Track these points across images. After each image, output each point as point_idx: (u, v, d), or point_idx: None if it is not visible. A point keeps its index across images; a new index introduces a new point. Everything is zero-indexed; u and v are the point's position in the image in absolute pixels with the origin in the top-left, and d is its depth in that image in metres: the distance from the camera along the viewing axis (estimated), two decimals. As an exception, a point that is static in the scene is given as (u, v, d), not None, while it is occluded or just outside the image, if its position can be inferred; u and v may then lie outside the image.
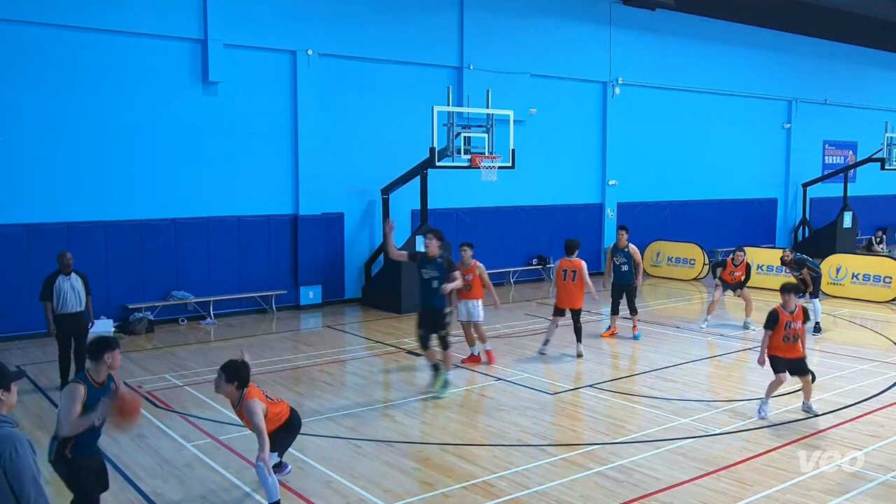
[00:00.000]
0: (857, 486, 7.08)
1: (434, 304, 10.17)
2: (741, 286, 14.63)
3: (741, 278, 14.64)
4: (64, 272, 10.52)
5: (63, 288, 10.45)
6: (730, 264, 14.63)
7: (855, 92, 28.38)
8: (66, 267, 10.53)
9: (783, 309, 9.08)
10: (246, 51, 15.76)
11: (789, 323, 9.02)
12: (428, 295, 10.19)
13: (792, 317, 9.07)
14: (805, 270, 14.15)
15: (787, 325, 9.02)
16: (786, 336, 9.05)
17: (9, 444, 3.82)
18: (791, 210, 27.52)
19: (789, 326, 9.02)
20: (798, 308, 9.12)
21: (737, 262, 14.53)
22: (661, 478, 7.33)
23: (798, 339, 9.12)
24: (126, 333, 14.14)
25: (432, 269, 10.11)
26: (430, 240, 10.24)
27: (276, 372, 11.36)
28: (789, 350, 9.10)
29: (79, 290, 10.55)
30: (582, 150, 21.65)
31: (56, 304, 10.42)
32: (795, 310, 9.09)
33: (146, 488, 7.20)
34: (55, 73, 13.91)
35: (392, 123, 17.58)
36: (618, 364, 12.03)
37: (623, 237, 13.59)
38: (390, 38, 17.55)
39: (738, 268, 14.54)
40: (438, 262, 10.13)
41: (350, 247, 17.55)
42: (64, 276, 10.50)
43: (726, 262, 14.77)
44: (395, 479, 7.40)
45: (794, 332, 9.05)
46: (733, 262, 14.57)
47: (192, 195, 15.41)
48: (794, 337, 9.08)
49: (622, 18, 21.76)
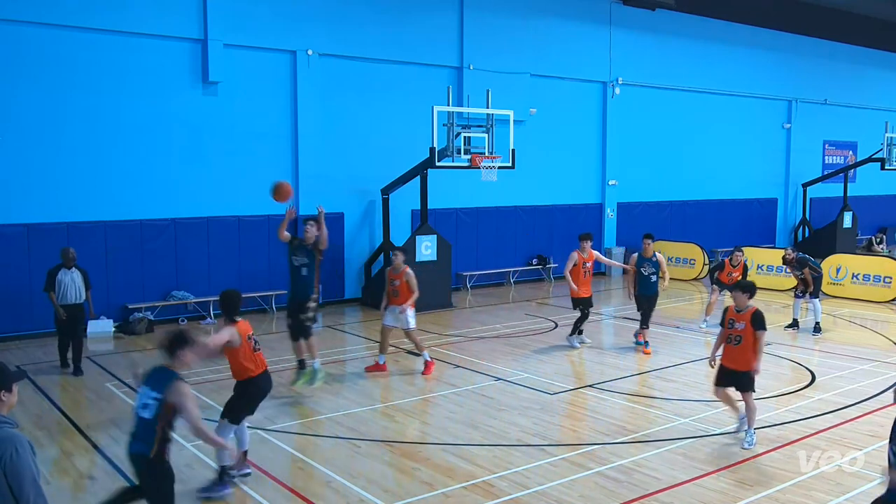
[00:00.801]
0: (857, 486, 7.09)
1: (302, 291, 10.20)
2: None
3: (738, 279, 14.56)
4: (66, 266, 11.35)
5: (64, 281, 11.28)
6: (727, 265, 14.58)
7: (855, 92, 28.38)
8: (68, 261, 11.37)
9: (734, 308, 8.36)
10: (246, 51, 15.76)
11: (732, 321, 8.23)
12: (297, 282, 10.22)
13: (737, 315, 8.25)
14: (807, 270, 14.15)
15: (731, 324, 8.24)
16: (729, 337, 8.27)
17: (9, 444, 3.83)
18: (791, 210, 27.52)
19: (732, 325, 8.24)
20: (748, 310, 8.19)
21: (734, 263, 14.48)
22: (661, 478, 7.33)
23: (741, 342, 8.13)
24: (126, 333, 14.14)
25: (302, 256, 10.16)
26: (310, 226, 10.20)
27: (277, 372, 11.32)
28: (732, 356, 8.22)
29: (78, 284, 11.37)
30: (582, 151, 21.65)
31: (57, 295, 11.25)
32: (744, 310, 8.24)
33: (146, 488, 7.18)
34: (55, 73, 13.91)
35: (392, 123, 17.58)
36: (618, 364, 12.02)
37: (650, 246, 13.06)
38: (390, 38, 17.55)
39: (736, 268, 14.48)
40: (308, 249, 10.16)
41: (350, 247, 17.54)
42: (66, 270, 11.34)
43: (724, 264, 14.71)
44: (395, 479, 7.40)
45: (737, 332, 8.16)
46: (731, 263, 14.52)
47: (192, 195, 15.41)
48: (736, 339, 8.17)
49: (622, 18, 21.76)
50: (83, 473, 7.62)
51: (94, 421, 9.25)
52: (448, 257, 16.86)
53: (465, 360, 12.09)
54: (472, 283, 19.35)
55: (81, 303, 11.42)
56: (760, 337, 8.09)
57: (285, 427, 8.92)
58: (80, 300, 11.38)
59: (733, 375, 8.25)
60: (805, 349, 12.92)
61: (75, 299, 11.33)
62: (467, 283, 19.28)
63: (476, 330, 14.57)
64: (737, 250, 14.66)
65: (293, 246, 10.30)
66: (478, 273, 19.49)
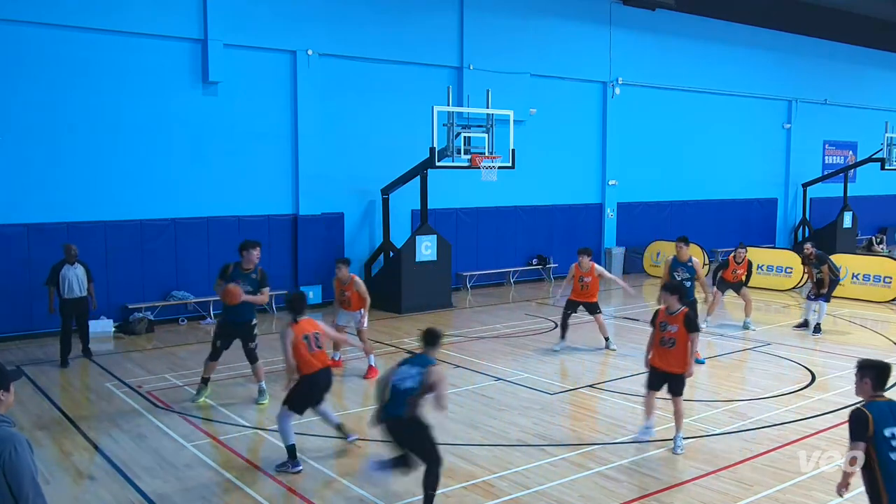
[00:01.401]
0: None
1: (245, 316, 9.79)
2: (743, 285, 14.43)
3: (742, 276, 14.46)
4: (69, 262, 11.95)
5: (68, 276, 11.90)
6: (731, 262, 14.39)
7: (855, 92, 28.38)
8: (71, 257, 11.95)
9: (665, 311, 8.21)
10: (246, 51, 15.76)
11: (665, 324, 8.10)
12: (239, 307, 9.57)
13: (669, 318, 8.09)
14: (826, 268, 13.87)
15: (663, 327, 8.12)
16: (662, 339, 8.15)
17: (8, 443, 3.84)
18: (791, 210, 27.52)
19: (665, 328, 8.11)
20: (680, 312, 8.04)
21: (738, 260, 14.30)
22: (661, 478, 7.34)
23: (675, 345, 7.99)
24: (126, 333, 14.14)
25: (245, 283, 9.57)
26: (248, 252, 9.64)
27: (277, 372, 11.35)
28: (666, 359, 8.11)
29: (81, 279, 12.01)
30: (582, 151, 21.65)
31: (61, 289, 11.88)
32: (676, 312, 8.09)
33: (146, 488, 7.19)
34: (55, 73, 13.91)
35: (392, 123, 17.58)
36: (618, 364, 12.02)
37: (684, 250, 12.38)
38: (390, 38, 17.55)
39: (740, 265, 14.32)
40: (252, 278, 9.68)
41: (350, 247, 17.54)
42: (69, 266, 11.94)
43: (728, 262, 14.52)
44: (395, 479, 7.39)
45: (671, 335, 8.02)
46: (735, 260, 14.34)
47: (192, 195, 15.41)
48: (670, 342, 8.02)
49: (622, 18, 21.76)
50: (83, 473, 7.61)
51: (94, 421, 9.25)
52: (448, 257, 16.86)
53: (465, 360, 12.09)
54: (472, 283, 19.35)
55: (85, 296, 12.10)
56: (694, 339, 8.04)
57: (285, 427, 8.90)
58: (83, 293, 12.05)
59: (666, 378, 8.17)
60: (805, 349, 12.91)
61: (79, 293, 11.99)
62: (467, 283, 19.28)
63: (476, 330, 14.57)
64: (740, 247, 14.39)
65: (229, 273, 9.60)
66: (478, 273, 19.49)
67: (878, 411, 5.03)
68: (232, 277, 9.57)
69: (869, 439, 4.94)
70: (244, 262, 9.73)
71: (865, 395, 5.23)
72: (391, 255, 16.90)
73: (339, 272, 11.34)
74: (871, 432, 4.94)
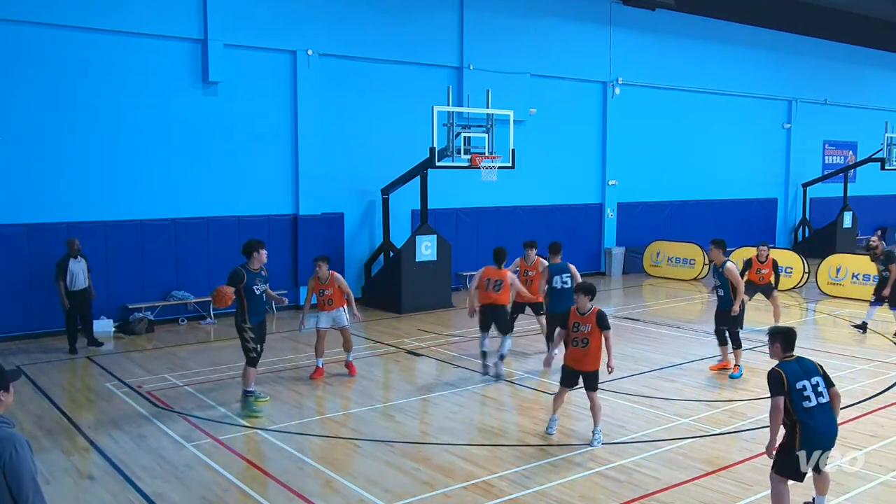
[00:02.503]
0: (857, 486, 7.09)
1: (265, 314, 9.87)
2: (772, 289, 13.57)
3: (770, 278, 13.63)
4: (73, 255, 12.60)
5: (74, 269, 12.58)
6: (755, 262, 13.62)
7: (855, 92, 28.38)
8: (75, 251, 12.62)
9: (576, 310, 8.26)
10: (246, 51, 15.76)
11: (577, 325, 8.16)
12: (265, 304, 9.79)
13: (581, 318, 8.17)
14: (894, 266, 13.33)
15: (576, 327, 8.18)
16: (575, 340, 8.21)
17: (8, 444, 3.84)
18: (791, 210, 27.52)
19: (577, 328, 8.17)
20: (592, 311, 8.12)
21: (762, 259, 13.52)
22: (661, 478, 7.34)
23: (588, 344, 8.12)
24: (126, 333, 14.14)
25: (262, 283, 9.63)
26: (258, 252, 9.56)
27: (277, 372, 11.37)
28: (580, 359, 8.22)
29: (84, 271, 12.71)
30: (582, 151, 21.65)
31: (68, 282, 12.52)
32: (587, 312, 8.16)
33: (146, 488, 7.19)
34: (55, 73, 13.91)
35: (392, 123, 17.58)
36: (618, 364, 11.99)
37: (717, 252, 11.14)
38: (390, 38, 17.55)
39: (765, 265, 13.54)
40: (264, 275, 9.72)
41: (350, 247, 17.55)
42: (74, 259, 12.59)
43: (751, 261, 13.73)
44: (395, 479, 7.40)
45: (584, 335, 8.12)
46: (758, 259, 13.60)
47: (192, 195, 15.41)
48: (583, 342, 8.14)
49: (622, 18, 21.76)
50: (83, 473, 7.62)
51: (94, 421, 9.25)
52: (448, 257, 16.87)
53: (465, 360, 12.09)
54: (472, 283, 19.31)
55: (86, 287, 12.79)
56: (608, 336, 8.17)
57: (285, 427, 8.92)
58: (86, 285, 12.76)
59: (581, 375, 8.33)
60: (805, 349, 12.88)
61: (83, 284, 12.71)
62: (467, 283, 19.24)
63: (476, 330, 14.51)
64: (762, 245, 13.58)
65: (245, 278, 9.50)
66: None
67: (790, 369, 6.00)
68: (249, 281, 9.46)
69: (786, 393, 5.88)
70: (253, 263, 9.58)
71: (778, 357, 6.17)
72: (391, 255, 16.91)
73: (319, 270, 10.78)
74: (786, 387, 5.89)
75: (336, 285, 10.95)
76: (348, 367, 11.28)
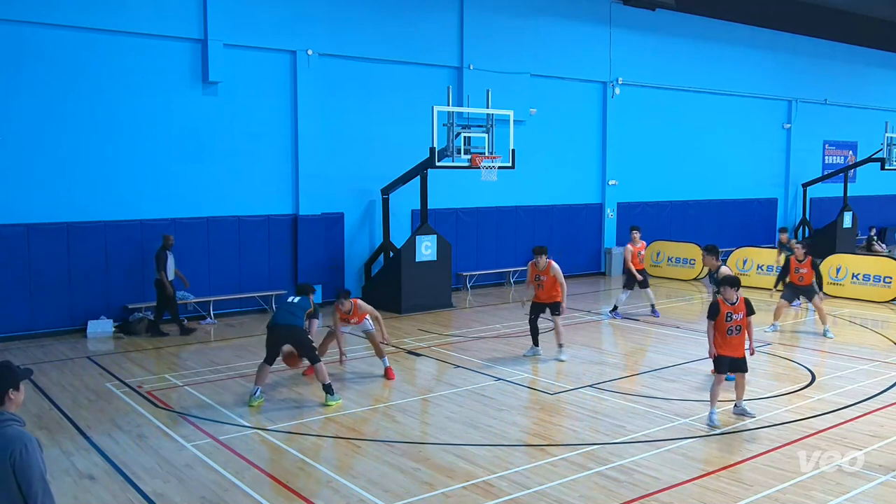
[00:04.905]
0: (857, 486, 7.09)
1: None
2: (814, 292, 13.14)
3: (811, 279, 13.11)
4: (168, 248, 13.93)
5: (170, 261, 13.94)
6: (793, 261, 13.11)
7: (855, 92, 28.39)
8: (170, 246, 13.97)
9: (724, 300, 8.84)
10: (246, 51, 15.76)
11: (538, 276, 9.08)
12: None
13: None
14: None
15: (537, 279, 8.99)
16: (729, 329, 8.80)
17: (19, 442, 3.89)
18: (791, 210, 27.52)
19: (730, 318, 8.79)
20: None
21: (799, 258, 13.00)
22: (661, 478, 7.33)
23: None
24: (126, 333, 14.14)
25: None
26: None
27: (276, 372, 11.35)
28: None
29: (173, 264, 14.08)
30: (582, 150, 21.65)
31: (168, 272, 13.86)
32: (737, 301, 8.81)
33: (146, 488, 7.19)
34: (55, 73, 13.91)
35: (392, 123, 17.58)
36: (618, 364, 12.03)
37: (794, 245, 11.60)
38: (390, 38, 17.55)
39: (803, 264, 13.02)
40: None
41: (350, 247, 17.55)
42: (169, 252, 13.91)
43: (789, 262, 13.20)
44: (395, 479, 7.40)
45: (737, 323, 8.81)
46: (796, 258, 13.11)
47: (192, 195, 15.41)
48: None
49: (622, 18, 21.77)
50: (83, 473, 7.61)
51: (94, 421, 9.25)
52: (448, 257, 16.86)
53: (465, 360, 12.09)
54: (472, 283, 19.35)
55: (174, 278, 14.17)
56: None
57: (285, 427, 8.92)
58: (173, 277, 14.08)
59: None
60: (805, 349, 12.91)
61: (172, 276, 14.05)
62: (467, 283, 19.28)
63: (476, 330, 14.57)
64: (795, 242, 13.05)
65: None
66: (478, 273, 19.48)
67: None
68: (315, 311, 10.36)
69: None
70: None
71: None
72: (391, 255, 16.90)
73: (342, 306, 10.83)
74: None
75: (360, 312, 10.96)
76: (386, 373, 11.08)
